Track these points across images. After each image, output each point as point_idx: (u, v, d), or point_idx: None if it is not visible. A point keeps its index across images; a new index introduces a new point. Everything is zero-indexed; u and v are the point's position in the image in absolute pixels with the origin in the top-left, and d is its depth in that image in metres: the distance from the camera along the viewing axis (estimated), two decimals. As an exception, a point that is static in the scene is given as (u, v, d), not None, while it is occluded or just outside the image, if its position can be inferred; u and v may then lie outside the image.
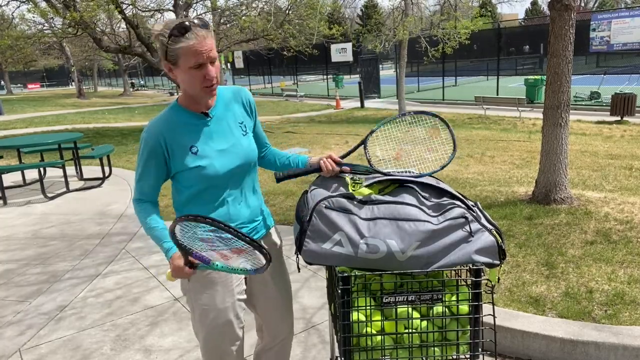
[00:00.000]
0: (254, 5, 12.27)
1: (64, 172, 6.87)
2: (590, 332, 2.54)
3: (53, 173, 8.20)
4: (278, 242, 1.96)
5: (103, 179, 7.30)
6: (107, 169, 7.76)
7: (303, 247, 1.52)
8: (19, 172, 8.16)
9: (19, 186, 7.40)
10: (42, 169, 7.11)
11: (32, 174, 8.13)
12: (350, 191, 1.58)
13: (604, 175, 6.33)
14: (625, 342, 2.44)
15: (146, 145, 1.63)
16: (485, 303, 1.72)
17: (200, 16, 1.60)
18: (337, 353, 2.65)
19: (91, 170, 8.36)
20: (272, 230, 1.94)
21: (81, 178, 7.65)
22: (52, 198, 6.53)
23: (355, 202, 1.54)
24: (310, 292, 3.47)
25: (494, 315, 1.53)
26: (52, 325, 3.21)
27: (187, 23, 1.50)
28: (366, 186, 1.61)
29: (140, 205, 1.69)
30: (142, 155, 1.65)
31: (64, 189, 6.89)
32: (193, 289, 1.73)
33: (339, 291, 1.46)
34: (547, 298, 2.93)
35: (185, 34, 1.49)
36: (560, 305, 2.83)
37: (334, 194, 1.58)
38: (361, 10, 54.34)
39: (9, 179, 7.89)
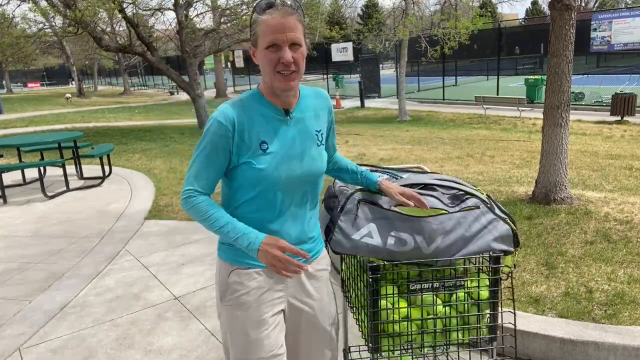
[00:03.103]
0: (254, 4, 12.26)
1: (64, 171, 6.88)
2: (590, 332, 2.54)
3: (53, 172, 8.20)
4: (327, 266, 1.70)
5: (103, 178, 7.30)
6: (107, 168, 7.76)
7: (333, 237, 1.56)
8: (19, 171, 8.16)
9: (19, 185, 7.40)
10: (42, 168, 7.11)
11: (32, 173, 8.13)
12: None
13: (604, 175, 6.33)
14: (625, 342, 2.44)
15: (216, 127, 1.41)
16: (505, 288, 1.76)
17: None
18: (350, 343, 2.68)
19: (91, 169, 8.36)
20: (324, 253, 1.69)
21: (81, 177, 7.65)
22: (52, 197, 6.53)
23: (383, 196, 1.62)
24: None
25: (513, 299, 1.60)
26: (52, 325, 3.22)
27: (272, 1, 1.37)
28: None
29: (198, 199, 1.45)
30: (207, 139, 1.42)
31: (64, 188, 6.89)
32: (226, 315, 1.55)
33: (370, 280, 1.54)
34: (547, 298, 2.93)
35: (267, 9, 1.36)
36: (560, 305, 2.83)
37: (364, 188, 1.67)
38: (361, 9, 54.32)
39: (9, 178, 7.89)
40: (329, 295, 1.68)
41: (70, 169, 8.36)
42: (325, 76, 28.85)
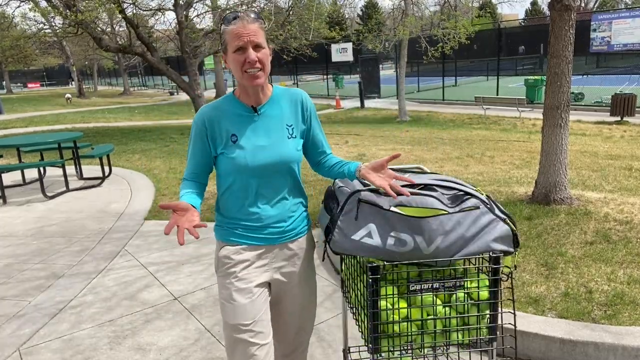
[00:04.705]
0: (254, 4, 12.27)
1: (64, 171, 6.87)
2: (589, 333, 2.54)
3: (53, 172, 8.20)
4: (310, 247, 1.89)
5: (103, 178, 7.29)
6: (107, 168, 7.75)
7: (332, 238, 1.56)
8: (19, 172, 8.16)
9: (19, 185, 7.40)
10: (41, 168, 7.11)
11: (31, 174, 8.13)
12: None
13: (604, 175, 6.33)
14: (624, 343, 2.44)
15: (194, 126, 1.71)
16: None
17: (253, 9, 1.59)
18: (349, 344, 2.68)
19: (91, 169, 8.36)
20: (308, 235, 1.87)
21: (81, 177, 7.65)
22: (52, 197, 6.53)
23: (383, 196, 1.62)
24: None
25: (513, 299, 1.59)
26: (51, 324, 3.21)
27: (237, 13, 1.60)
28: None
29: (182, 183, 1.76)
30: (190, 136, 1.73)
31: (64, 189, 6.89)
32: (218, 284, 1.76)
33: (370, 281, 1.54)
34: (547, 298, 2.93)
35: (233, 20, 1.59)
36: (559, 306, 2.83)
37: (364, 188, 1.66)
38: (361, 10, 54.37)
39: (9, 178, 7.89)
40: (312, 274, 1.90)
41: (70, 169, 8.36)
42: (325, 76, 28.86)
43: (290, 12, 12.57)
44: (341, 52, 22.97)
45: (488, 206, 1.59)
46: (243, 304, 1.67)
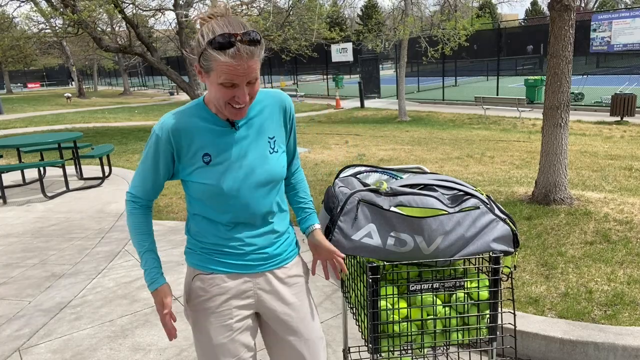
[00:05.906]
0: (254, 4, 12.29)
1: (64, 171, 6.87)
2: (589, 333, 2.54)
3: (53, 172, 8.20)
4: (303, 273, 1.62)
5: (103, 178, 7.30)
6: (107, 168, 7.76)
7: (332, 238, 1.56)
8: (19, 172, 8.16)
9: (19, 185, 7.40)
10: (41, 169, 7.11)
11: (31, 174, 8.13)
12: (376, 187, 1.70)
13: (604, 175, 6.33)
14: (624, 343, 2.44)
15: (156, 140, 1.40)
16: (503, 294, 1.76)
17: (253, 30, 1.26)
18: (349, 344, 2.68)
19: (91, 169, 8.36)
20: (297, 260, 1.61)
21: (81, 177, 7.65)
22: (51, 197, 6.53)
23: (383, 196, 1.62)
24: (309, 291, 3.47)
25: (513, 299, 1.59)
26: (51, 325, 3.21)
27: (232, 38, 1.24)
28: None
29: (133, 207, 1.49)
30: (149, 149, 1.42)
31: (64, 189, 6.89)
32: (191, 318, 1.54)
33: (370, 281, 1.55)
34: (547, 298, 2.93)
35: (227, 49, 1.24)
36: (559, 306, 2.83)
37: (364, 188, 1.66)
38: (361, 10, 54.40)
39: (9, 178, 7.89)
40: (310, 304, 1.61)
41: (70, 169, 8.36)
42: (325, 76, 28.87)
43: (290, 13, 12.58)
44: (341, 52, 22.97)
45: (488, 206, 1.59)
46: (222, 343, 1.48)
